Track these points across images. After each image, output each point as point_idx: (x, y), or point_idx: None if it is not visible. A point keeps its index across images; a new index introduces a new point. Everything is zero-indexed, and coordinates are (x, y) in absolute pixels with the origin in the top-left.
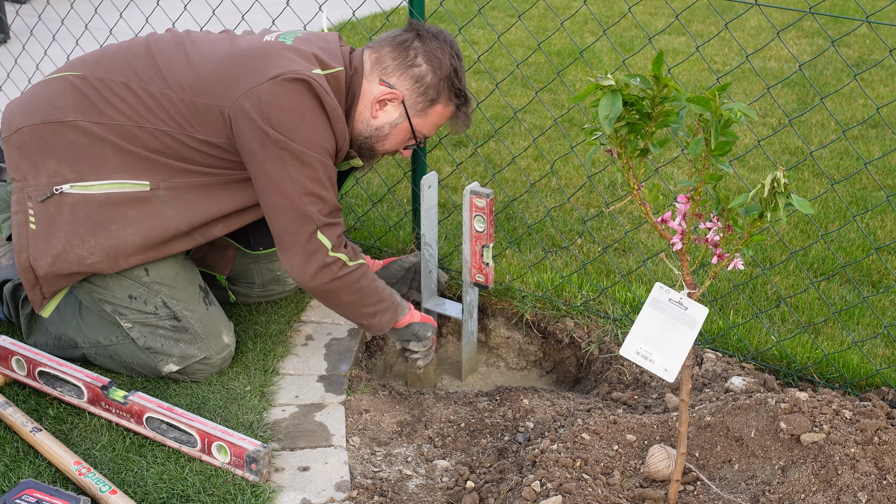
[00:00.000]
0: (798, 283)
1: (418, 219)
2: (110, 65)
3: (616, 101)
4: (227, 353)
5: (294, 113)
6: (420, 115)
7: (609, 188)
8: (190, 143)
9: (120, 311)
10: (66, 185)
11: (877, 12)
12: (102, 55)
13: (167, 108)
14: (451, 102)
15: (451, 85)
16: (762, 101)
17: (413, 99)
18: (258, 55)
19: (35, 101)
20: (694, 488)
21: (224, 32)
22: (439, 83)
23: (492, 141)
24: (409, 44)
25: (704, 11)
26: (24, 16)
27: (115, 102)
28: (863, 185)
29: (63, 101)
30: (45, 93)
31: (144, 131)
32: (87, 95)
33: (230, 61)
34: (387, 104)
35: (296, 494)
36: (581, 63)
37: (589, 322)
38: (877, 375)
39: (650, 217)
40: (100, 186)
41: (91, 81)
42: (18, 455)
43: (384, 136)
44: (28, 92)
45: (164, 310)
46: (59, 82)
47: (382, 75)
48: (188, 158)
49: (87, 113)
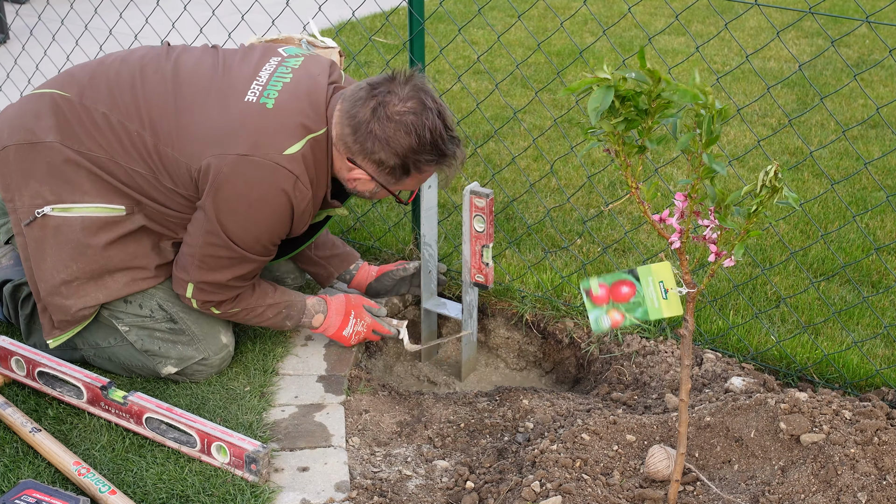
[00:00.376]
0: (798, 283)
1: (418, 219)
2: (95, 91)
3: (607, 95)
4: (226, 354)
5: (242, 198)
6: (397, 184)
7: (609, 188)
8: (160, 188)
9: (116, 315)
10: (46, 206)
11: (877, 12)
12: (91, 77)
13: (141, 150)
14: (425, 170)
15: (416, 159)
16: (762, 102)
17: (383, 177)
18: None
19: (22, 117)
20: (694, 488)
21: (210, 66)
22: (405, 161)
23: (492, 141)
24: (365, 126)
25: (704, 12)
26: (23, 16)
27: (94, 133)
28: (862, 186)
29: (45, 122)
30: (30, 109)
31: (118, 167)
32: (69, 120)
33: (205, 123)
34: (359, 179)
35: (295, 495)
36: (581, 63)
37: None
38: (877, 376)
39: (648, 216)
40: (77, 210)
41: (75, 106)
42: (18, 455)
43: (367, 196)
44: (18, 104)
45: (160, 312)
46: (44, 99)
47: (346, 153)
48: (159, 200)
49: (67, 138)
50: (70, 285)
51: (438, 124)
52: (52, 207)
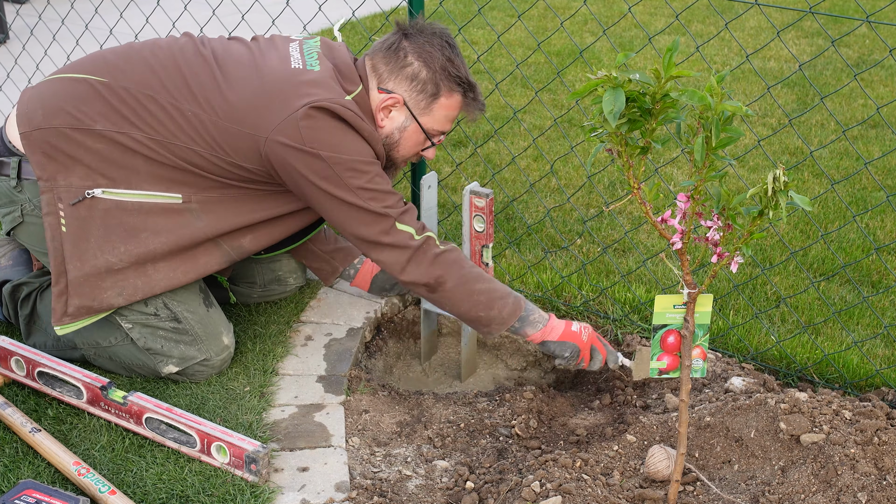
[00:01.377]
0: (798, 283)
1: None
2: (135, 74)
3: (619, 96)
4: (227, 355)
5: (333, 133)
6: (426, 113)
7: (609, 188)
8: (221, 164)
9: (121, 312)
10: (97, 189)
11: (877, 12)
12: (126, 61)
13: (198, 128)
14: (453, 92)
15: (448, 75)
16: (762, 102)
17: (414, 99)
18: (288, 84)
19: (57, 100)
20: (694, 489)
21: (243, 46)
22: (435, 76)
23: (491, 141)
24: (397, 45)
25: (704, 11)
26: (24, 16)
27: (146, 116)
28: (863, 186)
29: (90, 108)
30: (68, 94)
31: (176, 147)
32: (115, 106)
33: (261, 89)
34: (391, 110)
35: (295, 495)
36: (581, 63)
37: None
38: (876, 376)
39: (650, 216)
40: (132, 195)
41: (117, 91)
42: (18, 455)
43: (395, 142)
44: (47, 86)
45: (165, 311)
46: (82, 85)
47: (379, 83)
48: (219, 174)
49: (118, 124)
50: (112, 269)
51: (462, 59)
52: (104, 191)
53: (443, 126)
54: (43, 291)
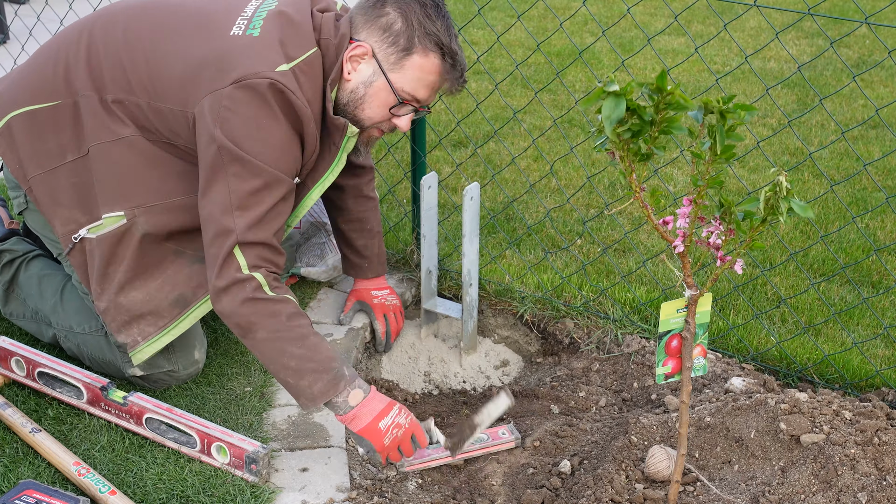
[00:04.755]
0: (798, 283)
1: (418, 219)
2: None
3: (619, 105)
4: (195, 370)
5: (251, 121)
6: (396, 70)
7: (609, 189)
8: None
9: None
10: (82, 230)
11: (876, 13)
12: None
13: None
14: (429, 52)
15: (425, 32)
16: (762, 102)
17: (384, 51)
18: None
19: (34, 143)
20: (694, 489)
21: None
22: (410, 30)
23: (491, 141)
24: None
25: (704, 12)
26: (23, 16)
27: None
28: (862, 186)
29: (58, 140)
30: (42, 133)
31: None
32: (77, 125)
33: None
34: (359, 62)
35: (295, 495)
36: (581, 64)
37: (589, 323)
38: (877, 376)
39: (652, 219)
40: (98, 228)
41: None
42: (18, 456)
43: (360, 98)
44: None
45: None
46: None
47: (353, 33)
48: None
49: (80, 146)
50: (118, 305)
51: (449, 24)
52: (88, 229)
53: (414, 89)
54: (28, 262)
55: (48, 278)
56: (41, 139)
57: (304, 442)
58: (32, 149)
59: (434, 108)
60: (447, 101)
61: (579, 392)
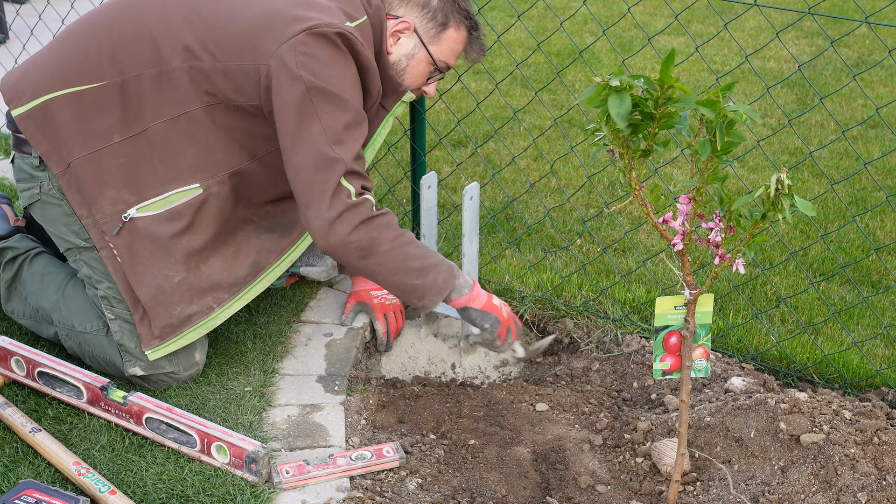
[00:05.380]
0: (798, 283)
1: (418, 219)
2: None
3: (625, 99)
4: (195, 371)
5: (330, 61)
6: (435, 42)
7: (609, 188)
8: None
9: (109, 302)
10: (131, 209)
11: (876, 13)
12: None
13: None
14: (461, 26)
15: (458, 7)
16: (762, 102)
17: (424, 26)
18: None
19: (79, 124)
20: (694, 489)
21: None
22: (445, 6)
23: (491, 141)
24: None
25: (704, 12)
26: (24, 16)
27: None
28: (862, 186)
29: (104, 121)
30: (88, 114)
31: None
32: (126, 105)
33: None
34: (400, 36)
35: (295, 495)
36: (581, 63)
37: (588, 322)
38: (876, 376)
39: (651, 218)
40: (159, 204)
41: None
42: (18, 455)
43: (402, 69)
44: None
45: None
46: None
47: (389, 9)
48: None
49: (131, 126)
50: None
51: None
52: (137, 209)
53: (448, 58)
54: (32, 259)
55: (51, 276)
56: (88, 120)
57: (304, 442)
58: (78, 130)
59: (434, 107)
60: (447, 101)
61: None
